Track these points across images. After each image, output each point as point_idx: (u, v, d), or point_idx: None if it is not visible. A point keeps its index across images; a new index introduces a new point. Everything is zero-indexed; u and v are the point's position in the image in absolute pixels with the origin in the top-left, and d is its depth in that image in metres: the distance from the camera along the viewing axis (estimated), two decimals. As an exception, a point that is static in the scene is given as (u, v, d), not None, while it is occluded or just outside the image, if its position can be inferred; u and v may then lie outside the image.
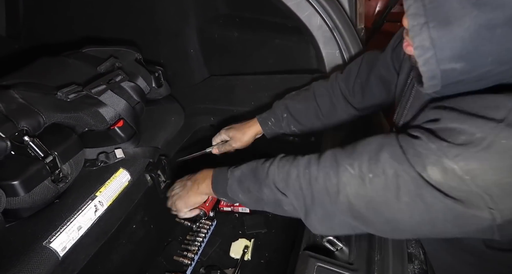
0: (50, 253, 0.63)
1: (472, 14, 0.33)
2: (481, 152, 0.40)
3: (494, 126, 0.39)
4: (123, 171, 0.83)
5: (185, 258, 1.00)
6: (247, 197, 0.63)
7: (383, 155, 0.48)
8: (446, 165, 0.42)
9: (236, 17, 1.22)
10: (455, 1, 0.34)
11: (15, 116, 0.64)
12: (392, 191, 0.46)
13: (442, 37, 0.35)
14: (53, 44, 1.28)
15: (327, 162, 0.54)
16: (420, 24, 0.36)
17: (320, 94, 0.80)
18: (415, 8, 0.36)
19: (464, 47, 0.35)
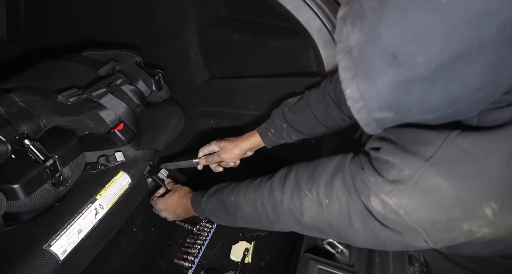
0: (50, 257, 0.63)
1: (390, 72, 0.36)
2: (409, 190, 0.42)
3: (421, 165, 0.42)
4: (123, 174, 0.83)
5: (185, 261, 1.00)
6: (225, 224, 0.70)
7: (336, 182, 0.51)
8: (384, 199, 0.45)
9: (236, 20, 1.22)
10: (377, 59, 0.36)
11: (15, 120, 0.65)
12: (346, 217, 0.50)
13: (369, 90, 0.38)
14: (53, 48, 1.28)
15: (290, 185, 0.57)
16: (350, 77, 0.38)
17: (314, 103, 0.80)
18: (345, 62, 0.38)
19: (388, 100, 0.38)
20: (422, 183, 0.42)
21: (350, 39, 0.37)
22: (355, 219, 0.49)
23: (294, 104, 0.83)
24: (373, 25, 0.35)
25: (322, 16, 0.94)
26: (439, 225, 0.42)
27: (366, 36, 0.36)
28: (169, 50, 1.24)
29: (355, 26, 0.37)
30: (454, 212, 0.41)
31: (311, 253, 0.65)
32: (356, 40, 0.37)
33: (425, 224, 0.43)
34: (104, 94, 0.79)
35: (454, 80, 0.35)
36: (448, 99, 0.36)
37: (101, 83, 0.81)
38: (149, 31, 1.20)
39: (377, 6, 0.35)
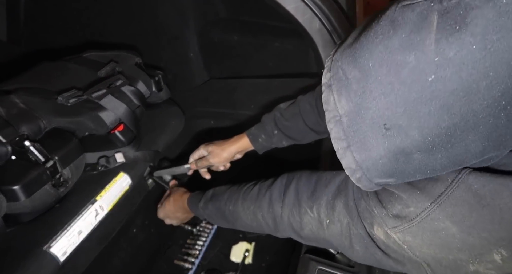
0: (50, 258, 0.63)
1: (385, 143, 0.34)
2: (414, 228, 0.40)
3: (428, 205, 0.39)
4: (123, 175, 0.83)
5: (185, 262, 1.00)
6: (226, 226, 0.70)
7: (339, 203, 0.49)
8: (387, 231, 0.43)
9: (236, 21, 1.22)
10: (369, 130, 0.35)
11: (15, 121, 0.65)
12: (347, 239, 0.49)
13: (365, 161, 0.36)
14: (53, 49, 1.28)
15: (290, 199, 0.56)
16: (343, 148, 0.37)
17: (306, 111, 0.77)
18: (336, 132, 0.37)
19: (388, 169, 0.36)
20: (428, 224, 0.39)
21: (338, 108, 0.36)
22: (356, 242, 0.47)
23: (285, 109, 0.81)
24: (360, 97, 0.34)
25: (322, 17, 0.94)
26: (444, 262, 0.41)
27: (354, 106, 0.35)
28: (169, 51, 1.24)
29: (341, 95, 0.36)
30: (460, 254, 0.39)
31: (311, 254, 0.65)
32: (345, 110, 0.36)
33: (429, 260, 0.41)
34: (104, 96, 0.79)
35: (454, 148, 0.33)
36: (452, 164, 0.35)
37: (101, 85, 0.81)
38: (149, 32, 1.21)
39: (360, 78, 0.34)
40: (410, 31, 0.31)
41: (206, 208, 0.71)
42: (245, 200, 0.63)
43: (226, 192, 0.68)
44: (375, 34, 0.34)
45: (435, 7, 0.29)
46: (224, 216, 0.67)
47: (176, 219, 0.85)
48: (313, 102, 0.76)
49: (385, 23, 0.33)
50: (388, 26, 0.33)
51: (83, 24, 1.27)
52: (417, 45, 0.30)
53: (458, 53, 0.28)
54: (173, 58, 1.25)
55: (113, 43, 1.22)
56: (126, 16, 1.21)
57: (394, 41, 0.32)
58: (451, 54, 0.29)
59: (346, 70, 0.36)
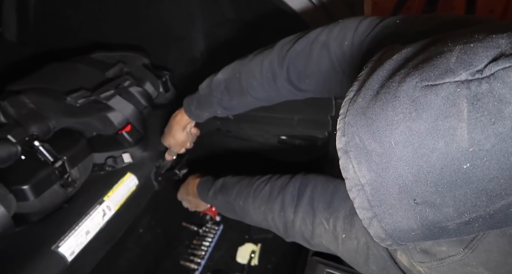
0: (58, 258, 0.63)
1: (417, 218, 0.32)
2: (443, 268, 0.38)
3: (461, 250, 0.37)
4: (130, 175, 0.83)
5: (191, 262, 1.00)
6: (235, 218, 0.70)
7: (358, 221, 0.47)
8: (413, 262, 0.40)
9: (242, 22, 1.22)
10: (396, 201, 0.32)
11: (25, 121, 0.65)
12: (363, 257, 0.46)
13: (395, 231, 0.34)
14: (62, 50, 1.29)
15: (304, 207, 0.54)
16: (369, 218, 0.35)
17: (254, 89, 0.68)
18: (360, 202, 0.35)
19: (421, 238, 0.34)
20: (460, 267, 0.37)
21: (359, 177, 0.34)
22: (373, 262, 0.45)
23: (227, 86, 0.71)
24: (384, 171, 0.31)
25: (329, 17, 0.93)
26: None
27: (377, 177, 0.32)
28: (176, 51, 1.24)
29: (361, 164, 0.33)
30: None
31: (319, 257, 0.65)
32: (367, 179, 0.33)
33: None
34: (112, 96, 0.80)
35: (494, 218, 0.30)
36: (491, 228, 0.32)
37: (109, 85, 0.81)
38: (156, 33, 1.21)
39: (382, 153, 0.31)
40: (436, 117, 0.28)
41: (215, 198, 0.70)
42: (256, 199, 0.62)
43: (236, 186, 0.67)
44: (394, 110, 0.30)
45: (463, 92, 0.27)
46: (234, 210, 0.66)
47: (190, 203, 0.86)
48: (262, 79, 0.66)
49: (405, 101, 0.30)
50: (409, 106, 0.29)
51: (91, 25, 1.28)
52: (446, 133, 0.28)
53: (497, 145, 0.26)
54: (179, 58, 1.25)
55: (120, 44, 1.22)
56: (133, 17, 1.21)
57: (419, 124, 0.29)
58: (488, 146, 0.26)
59: (364, 140, 0.32)
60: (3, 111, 0.65)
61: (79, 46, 1.22)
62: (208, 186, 0.73)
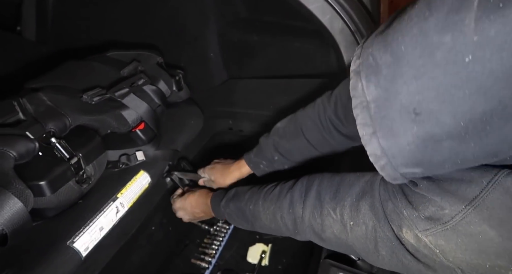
0: (73, 253, 0.64)
1: (413, 129, 0.33)
2: (447, 231, 0.38)
3: (463, 208, 0.37)
4: (143, 173, 0.84)
5: (202, 261, 1.00)
6: (245, 228, 0.69)
7: (364, 205, 0.47)
8: (418, 234, 0.41)
9: (256, 21, 1.22)
10: (397, 115, 0.34)
11: (43, 118, 0.66)
12: (372, 243, 0.46)
13: (391, 148, 0.35)
14: (79, 48, 1.32)
15: (311, 200, 0.54)
16: (369, 134, 0.36)
17: (308, 129, 0.71)
18: (362, 118, 0.37)
19: (414, 157, 0.35)
20: (463, 228, 0.37)
21: (366, 94, 0.36)
22: (382, 246, 0.45)
23: (283, 129, 0.75)
24: (390, 82, 0.33)
25: (345, 17, 0.92)
26: (480, 269, 0.38)
27: (383, 92, 0.34)
28: (189, 51, 1.25)
29: (370, 82, 0.35)
30: (498, 261, 0.36)
31: (331, 259, 0.64)
32: (373, 96, 0.35)
33: (463, 266, 0.39)
34: (127, 94, 0.80)
35: (490, 137, 0.31)
36: (486, 154, 0.33)
37: (124, 83, 0.82)
38: (170, 32, 1.22)
39: (391, 62, 0.33)
40: (448, 11, 0.29)
41: (227, 206, 0.70)
42: (265, 201, 0.62)
43: (247, 192, 0.68)
44: (409, 18, 0.32)
45: None
46: (244, 215, 0.66)
47: (190, 214, 0.85)
48: (314, 117, 0.70)
49: (421, 6, 0.32)
50: (424, 8, 0.31)
51: (106, 24, 1.30)
52: (455, 25, 0.29)
53: (500, 31, 0.27)
54: (193, 58, 1.26)
55: (135, 43, 1.24)
56: (148, 17, 1.23)
57: (430, 22, 0.30)
58: (492, 33, 0.27)
59: (377, 56, 0.35)
60: (22, 109, 0.67)
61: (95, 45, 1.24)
62: (222, 195, 0.74)
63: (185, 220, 0.88)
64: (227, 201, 0.71)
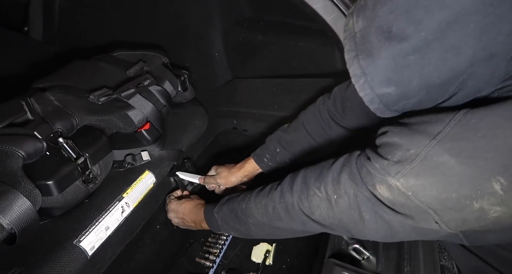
0: (79, 252, 0.65)
1: (386, 46, 0.39)
2: (415, 169, 0.42)
3: (427, 143, 0.41)
4: (148, 173, 0.85)
5: (207, 260, 1.01)
6: (238, 234, 0.70)
7: (343, 176, 0.51)
8: (390, 182, 0.44)
9: (260, 20, 1.22)
10: (374, 36, 0.40)
11: (51, 118, 0.67)
12: (356, 210, 0.49)
13: (369, 66, 0.41)
14: (85, 48, 1.33)
15: (298, 186, 0.57)
16: (352, 57, 0.42)
17: (308, 121, 0.78)
18: (349, 45, 0.43)
19: (387, 73, 0.40)
20: (428, 161, 0.41)
21: (354, 27, 0.42)
22: (365, 210, 0.48)
23: (288, 126, 0.83)
24: (372, 10, 0.40)
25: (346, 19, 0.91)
26: (449, 204, 0.41)
27: (367, 21, 0.41)
28: (194, 50, 1.25)
29: (359, 17, 0.42)
30: (462, 189, 0.40)
31: (335, 258, 0.64)
32: (359, 27, 0.41)
33: (434, 204, 0.42)
34: (133, 95, 0.81)
35: (447, 49, 0.36)
36: (447, 70, 0.38)
37: (130, 84, 0.82)
38: (175, 32, 1.22)
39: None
40: None
41: (220, 211, 0.71)
42: (257, 197, 0.64)
43: (240, 195, 0.69)
44: None
45: None
46: (237, 216, 0.67)
47: (180, 220, 0.86)
48: (315, 110, 0.78)
49: None
50: None
51: (112, 25, 1.31)
52: None
53: None
54: (197, 58, 1.26)
55: (140, 43, 1.24)
56: (153, 17, 1.23)
57: None
58: None
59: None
60: (30, 108, 0.67)
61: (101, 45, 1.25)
62: (214, 204, 0.75)
63: (173, 223, 0.89)
64: (220, 206, 0.72)
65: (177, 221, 0.87)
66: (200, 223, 0.79)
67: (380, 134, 0.50)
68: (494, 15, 0.35)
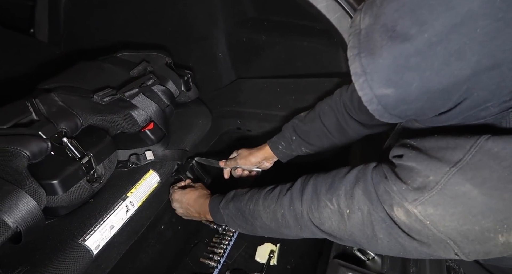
0: (85, 251, 0.65)
1: (387, 45, 0.38)
2: (435, 197, 0.40)
3: (447, 170, 0.39)
4: (153, 173, 0.85)
5: (211, 260, 1.01)
6: (243, 231, 0.70)
7: (357, 191, 0.50)
8: (408, 208, 0.42)
9: (264, 21, 1.22)
10: (377, 34, 0.39)
11: (55, 118, 0.68)
12: (369, 227, 0.48)
13: (370, 65, 0.39)
14: (90, 49, 1.34)
15: (309, 195, 0.56)
16: (354, 55, 0.41)
17: (325, 113, 0.78)
18: (353, 42, 0.41)
19: (387, 74, 0.39)
20: (448, 190, 0.39)
21: (361, 24, 0.41)
22: (379, 229, 0.47)
23: (304, 116, 0.83)
24: (379, 7, 0.39)
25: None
26: (470, 236, 0.39)
27: (373, 19, 0.39)
28: (198, 51, 1.25)
29: (367, 13, 0.41)
30: (485, 222, 0.38)
31: (340, 259, 0.63)
32: (365, 25, 0.40)
33: (454, 235, 0.40)
34: (136, 95, 0.81)
35: (450, 53, 0.35)
36: (449, 76, 0.36)
37: (134, 84, 0.83)
38: (178, 33, 1.23)
39: None
40: None
41: (226, 207, 0.71)
42: (266, 200, 0.64)
43: (247, 193, 0.69)
44: None
45: None
46: (244, 216, 0.67)
47: (184, 210, 0.86)
48: (333, 103, 0.77)
49: None
50: None
51: (116, 26, 1.32)
52: None
53: None
54: (201, 58, 1.26)
55: (144, 43, 1.25)
56: (157, 17, 1.24)
57: None
58: None
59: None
60: (35, 109, 0.68)
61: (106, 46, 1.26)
62: (220, 198, 0.74)
63: (177, 213, 0.88)
64: (226, 202, 0.71)
65: (181, 211, 0.87)
66: (205, 214, 0.78)
67: (395, 156, 0.48)
68: (503, 20, 0.32)
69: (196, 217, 0.84)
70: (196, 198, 0.83)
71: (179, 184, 0.94)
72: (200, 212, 0.81)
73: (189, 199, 0.84)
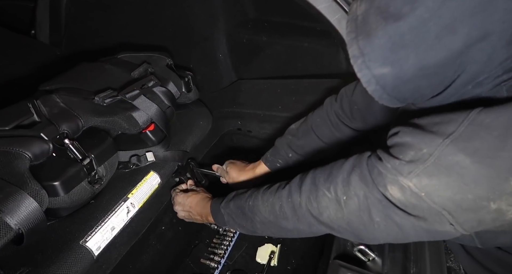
0: (86, 252, 0.66)
1: (382, 25, 0.39)
2: (429, 169, 0.42)
3: (441, 142, 0.41)
4: (153, 174, 0.85)
5: (212, 261, 1.01)
6: (243, 230, 0.70)
7: (353, 177, 0.51)
8: (402, 183, 0.43)
9: (265, 22, 1.22)
10: (372, 16, 0.40)
11: (57, 120, 0.68)
12: (365, 212, 0.49)
13: (366, 46, 0.41)
14: (91, 51, 1.35)
15: (307, 186, 0.57)
16: (352, 38, 0.43)
17: (317, 125, 0.79)
18: (350, 27, 0.43)
19: (383, 53, 0.40)
20: (442, 161, 0.41)
21: (357, 11, 0.43)
22: (375, 212, 0.48)
23: (297, 129, 0.83)
24: None
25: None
26: (464, 205, 0.41)
27: (368, 4, 0.41)
28: (198, 52, 1.26)
29: (362, 1, 0.42)
30: (478, 190, 0.39)
31: (341, 260, 0.64)
32: (362, 11, 0.42)
33: (449, 205, 0.41)
34: (137, 96, 0.82)
35: (442, 27, 0.36)
36: (442, 49, 0.37)
37: (135, 85, 0.83)
38: (179, 34, 1.23)
39: None
40: None
41: (227, 206, 0.71)
42: (264, 194, 0.65)
43: (247, 192, 0.69)
44: None
45: None
46: (244, 212, 0.67)
47: (186, 213, 0.86)
48: (323, 114, 0.79)
49: None
50: None
51: (117, 27, 1.32)
52: None
53: None
54: (202, 59, 1.26)
55: (145, 45, 1.25)
56: (157, 19, 1.24)
57: None
58: None
59: None
60: (36, 110, 0.68)
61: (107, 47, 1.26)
62: (221, 199, 0.75)
63: (179, 216, 0.89)
64: (227, 201, 0.72)
65: (183, 214, 0.87)
66: (207, 216, 0.79)
67: (391, 135, 0.49)
68: None
69: (198, 220, 0.84)
70: (199, 200, 0.84)
71: (181, 186, 0.94)
72: (202, 214, 0.81)
73: (192, 202, 0.84)
